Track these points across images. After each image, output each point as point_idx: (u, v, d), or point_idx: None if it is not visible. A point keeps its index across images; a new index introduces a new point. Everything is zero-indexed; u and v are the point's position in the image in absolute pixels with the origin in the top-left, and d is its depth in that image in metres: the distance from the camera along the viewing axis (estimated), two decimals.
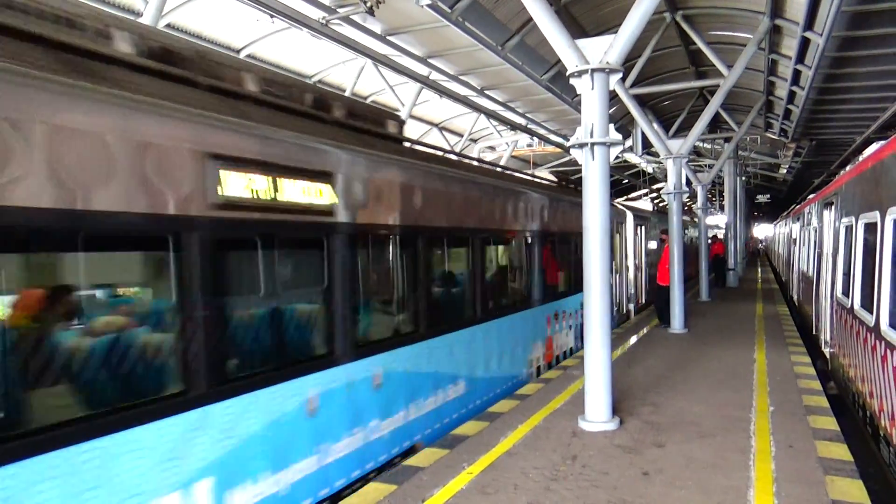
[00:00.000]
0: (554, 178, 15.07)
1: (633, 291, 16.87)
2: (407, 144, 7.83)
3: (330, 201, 5.50)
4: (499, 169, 11.16)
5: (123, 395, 3.94)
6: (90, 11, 4.43)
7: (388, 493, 5.15)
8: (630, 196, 33.29)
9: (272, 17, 8.99)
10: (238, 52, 12.38)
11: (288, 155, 5.08)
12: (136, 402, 3.92)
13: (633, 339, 12.39)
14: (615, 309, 10.71)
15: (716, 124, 22.43)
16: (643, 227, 18.41)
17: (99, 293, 4.09)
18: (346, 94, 14.09)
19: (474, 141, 21.28)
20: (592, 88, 6.61)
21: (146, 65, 4.50)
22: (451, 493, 5.12)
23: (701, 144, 26.87)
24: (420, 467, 5.70)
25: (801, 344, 11.44)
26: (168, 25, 10.80)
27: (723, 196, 30.79)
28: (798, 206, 21.69)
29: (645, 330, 13.58)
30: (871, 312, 6.56)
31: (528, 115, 18.26)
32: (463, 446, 6.24)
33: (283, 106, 5.66)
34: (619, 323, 14.74)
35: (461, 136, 19.83)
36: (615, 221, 9.67)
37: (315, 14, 9.44)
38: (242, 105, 5.13)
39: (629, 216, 16.74)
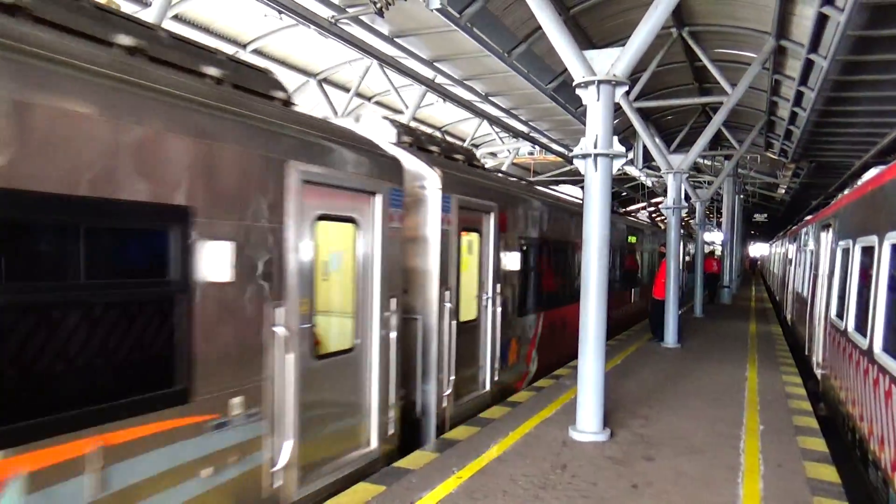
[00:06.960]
0: None
1: None
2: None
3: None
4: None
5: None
6: None
7: (376, 493, 5.15)
8: (629, 209, 33.33)
9: (280, 13, 8.99)
10: (245, 46, 12.38)
11: None
12: None
13: (627, 352, 12.41)
14: None
15: (717, 141, 22.47)
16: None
17: None
18: (351, 93, 14.14)
19: (476, 146, 21.31)
20: (598, 100, 6.64)
21: None
22: (440, 497, 5.12)
23: (701, 161, 26.95)
24: (409, 469, 5.70)
25: (793, 364, 11.47)
26: (176, 17, 10.80)
27: (720, 213, 30.92)
28: (795, 227, 21.75)
29: (638, 343, 13.61)
30: (865, 336, 6.59)
31: (530, 122, 18.29)
32: (453, 450, 6.24)
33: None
34: None
35: (463, 140, 19.85)
36: None
37: (325, 13, 9.45)
38: None
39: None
